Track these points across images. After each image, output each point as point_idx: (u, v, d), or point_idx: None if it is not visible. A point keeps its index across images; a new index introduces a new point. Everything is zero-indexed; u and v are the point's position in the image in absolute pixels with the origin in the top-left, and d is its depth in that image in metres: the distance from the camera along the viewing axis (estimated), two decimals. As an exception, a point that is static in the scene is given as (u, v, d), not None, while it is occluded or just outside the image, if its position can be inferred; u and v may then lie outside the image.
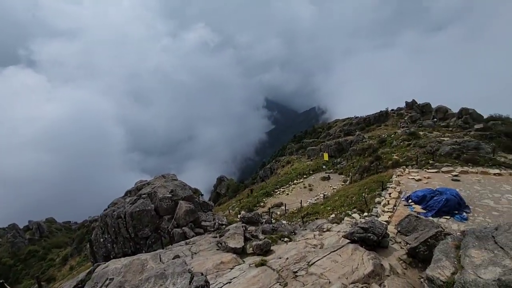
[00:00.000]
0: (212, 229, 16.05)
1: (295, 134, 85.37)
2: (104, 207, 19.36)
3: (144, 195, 16.66)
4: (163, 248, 12.14)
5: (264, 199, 30.51)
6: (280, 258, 8.18)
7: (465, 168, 16.88)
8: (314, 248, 9.51)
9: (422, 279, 5.26)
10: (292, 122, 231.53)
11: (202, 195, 27.15)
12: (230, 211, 30.84)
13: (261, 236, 11.58)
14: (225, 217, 20.67)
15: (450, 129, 27.86)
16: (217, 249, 10.25)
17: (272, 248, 10.30)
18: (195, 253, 9.90)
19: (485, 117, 27.26)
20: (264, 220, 18.89)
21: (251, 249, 9.96)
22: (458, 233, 6.24)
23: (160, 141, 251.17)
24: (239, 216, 24.52)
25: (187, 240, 12.90)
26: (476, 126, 24.46)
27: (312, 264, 6.77)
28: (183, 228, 14.93)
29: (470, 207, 12.88)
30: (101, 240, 16.50)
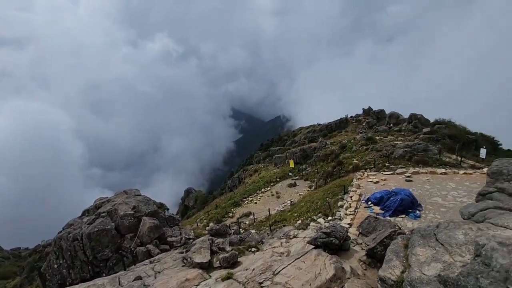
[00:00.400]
0: (179, 245, 15.53)
1: (262, 142, 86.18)
2: (60, 229, 17.86)
3: (103, 214, 15.69)
4: (125, 269, 11.46)
5: (232, 209, 30.27)
6: (246, 269, 8.13)
7: (417, 169, 18.27)
8: (280, 256, 9.60)
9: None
10: (259, 131, 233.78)
11: (167, 209, 26.18)
12: (198, 223, 30.12)
13: (228, 248, 11.44)
14: (192, 231, 20.13)
15: (402, 133, 30.15)
16: (183, 266, 9.92)
17: (239, 259, 10.21)
18: (159, 272, 9.47)
19: (431, 121, 29.97)
20: (232, 231, 18.71)
21: (218, 262, 9.78)
22: (407, 232, 6.71)
23: (124, 155, 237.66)
24: (207, 228, 24.04)
25: (152, 259, 12.33)
26: (424, 130, 26.76)
27: (277, 273, 6.83)
28: (147, 246, 14.26)
29: (422, 205, 13.91)
30: (55, 266, 15.19)
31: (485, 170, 16.81)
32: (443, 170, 17.42)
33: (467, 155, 20.59)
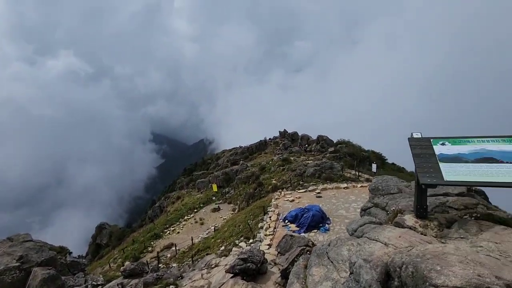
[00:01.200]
0: (83, 295, 13.40)
1: (185, 167, 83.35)
2: None
3: (-27, 273, 12.40)
4: None
5: (152, 243, 27.94)
6: (160, 313, 7.48)
7: (325, 185, 20.32)
8: (199, 290, 9.19)
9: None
10: (182, 155, 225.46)
11: (70, 253, 22.57)
12: (112, 264, 26.67)
13: (141, 291, 10.37)
14: (101, 275, 17.67)
15: (313, 153, 33.52)
16: (84, 322, 8.50)
17: (154, 301, 9.36)
18: (51, 337, 7.89)
19: (335, 141, 34.33)
20: (151, 267, 17.16)
21: (128, 310, 8.74)
22: (308, 253, 7.30)
23: (14, 191, 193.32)
24: (121, 269, 21.46)
25: (44, 319, 10.24)
26: (329, 150, 30.37)
27: (192, 312, 6.47)
28: (39, 303, 11.81)
29: (330, 218, 15.39)
30: None
31: (376, 182, 19.96)
32: (345, 185, 19.82)
33: (363, 170, 24.11)
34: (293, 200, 18.74)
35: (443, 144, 4.50)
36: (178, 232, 28.29)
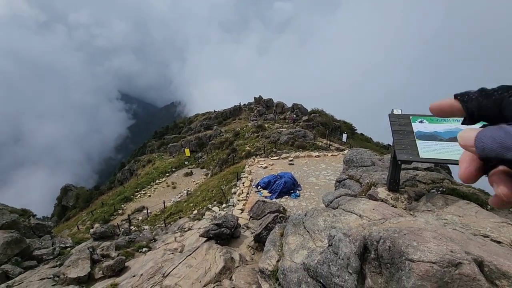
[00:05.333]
0: (51, 257, 13.16)
1: (156, 130, 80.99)
2: None
3: None
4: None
5: (122, 206, 27.68)
6: (134, 276, 7.57)
7: (297, 153, 20.83)
8: (173, 253, 9.35)
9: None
10: (153, 118, 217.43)
11: (34, 215, 21.90)
12: (80, 226, 26.29)
13: (113, 254, 10.35)
14: (69, 238, 17.41)
15: (287, 121, 33.79)
16: (53, 285, 8.42)
17: (128, 264, 9.43)
18: (19, 300, 7.76)
19: (309, 110, 34.69)
20: (122, 230, 17.12)
21: (100, 272, 8.74)
22: (288, 210, 7.57)
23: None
24: (91, 231, 21.29)
25: (9, 282, 9.99)
26: (303, 118, 30.72)
27: (167, 275, 6.60)
28: (3, 266, 11.44)
29: (301, 185, 16.02)
30: None
31: (346, 152, 20.76)
32: (317, 153, 20.43)
33: (334, 139, 24.88)
34: (266, 167, 19.10)
35: (421, 121, 4.61)
36: (150, 196, 28.17)
